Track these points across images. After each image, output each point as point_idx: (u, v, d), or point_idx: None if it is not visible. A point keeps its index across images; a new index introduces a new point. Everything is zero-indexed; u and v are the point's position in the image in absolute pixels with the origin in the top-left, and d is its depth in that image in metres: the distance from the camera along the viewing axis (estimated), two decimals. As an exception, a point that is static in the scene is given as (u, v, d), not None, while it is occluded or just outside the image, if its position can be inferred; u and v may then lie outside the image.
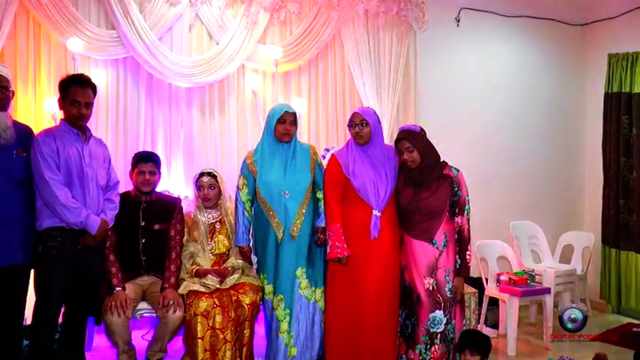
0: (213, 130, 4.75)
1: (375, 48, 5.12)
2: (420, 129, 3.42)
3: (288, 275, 3.48)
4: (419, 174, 3.34)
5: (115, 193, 3.43)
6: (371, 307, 3.34)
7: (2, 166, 3.03)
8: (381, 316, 3.38)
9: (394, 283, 3.42)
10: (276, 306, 3.49)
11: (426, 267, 3.31)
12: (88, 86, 3.25)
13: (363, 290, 3.36)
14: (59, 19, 4.19)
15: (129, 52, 4.44)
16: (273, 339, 3.49)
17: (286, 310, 3.48)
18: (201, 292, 3.41)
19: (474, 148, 5.50)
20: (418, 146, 3.33)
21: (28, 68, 4.26)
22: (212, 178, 3.73)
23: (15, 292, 3.08)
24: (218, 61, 4.61)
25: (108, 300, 3.28)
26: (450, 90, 5.52)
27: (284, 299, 3.48)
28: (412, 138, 3.34)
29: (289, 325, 3.47)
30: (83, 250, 3.17)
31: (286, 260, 3.48)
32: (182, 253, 3.61)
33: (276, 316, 3.49)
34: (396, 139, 3.41)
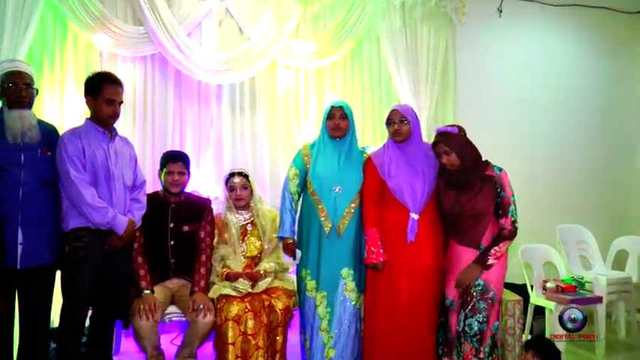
0: (244, 128, 4.74)
1: (412, 42, 5.06)
2: (457, 130, 3.34)
3: (332, 273, 3.44)
4: (459, 176, 3.26)
5: (142, 193, 3.43)
6: (406, 315, 3.31)
7: (28, 166, 3.04)
8: (418, 324, 3.33)
9: (433, 289, 3.36)
10: (319, 303, 3.46)
11: None
12: (120, 85, 3.27)
13: (398, 296, 3.32)
14: (86, 16, 4.23)
15: (157, 49, 4.47)
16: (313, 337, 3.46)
17: (328, 309, 3.44)
18: (233, 296, 3.40)
19: (517, 146, 5.37)
20: (455, 148, 3.25)
21: (54, 66, 4.30)
22: (244, 178, 3.72)
23: (42, 294, 3.09)
24: (249, 57, 4.60)
25: (136, 303, 3.28)
26: (491, 86, 5.41)
27: (326, 297, 3.44)
28: (448, 140, 3.27)
29: (329, 324, 3.43)
30: (110, 252, 3.17)
31: (330, 257, 3.44)
32: (212, 256, 3.61)
33: (317, 314, 3.45)
34: (433, 142, 3.35)
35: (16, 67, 3.11)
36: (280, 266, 3.70)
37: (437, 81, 5.10)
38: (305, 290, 3.50)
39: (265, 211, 3.79)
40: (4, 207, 2.84)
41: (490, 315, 3.20)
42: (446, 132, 3.33)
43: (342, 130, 3.51)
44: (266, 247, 3.70)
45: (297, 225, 3.61)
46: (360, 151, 3.62)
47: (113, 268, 3.21)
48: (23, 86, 3.06)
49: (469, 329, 3.20)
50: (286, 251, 3.62)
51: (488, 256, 3.18)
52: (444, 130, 3.35)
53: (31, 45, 4.13)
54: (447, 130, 3.34)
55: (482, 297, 3.19)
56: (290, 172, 3.60)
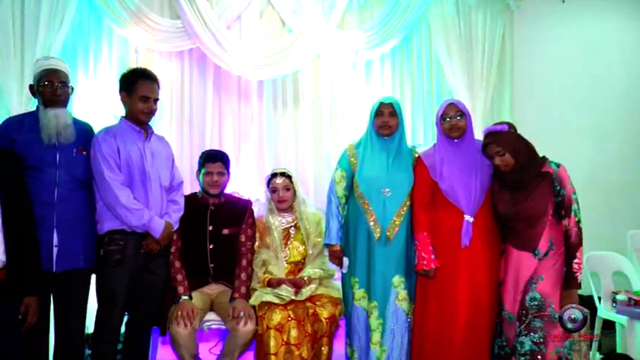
0: (287, 126, 4.75)
1: (467, 31, 4.98)
2: (507, 126, 3.26)
3: (383, 281, 3.40)
4: (514, 175, 3.19)
5: (180, 194, 3.45)
6: (460, 325, 3.26)
7: (63, 166, 3.09)
8: (473, 335, 3.26)
9: (489, 297, 3.29)
10: (370, 313, 3.43)
11: (524, 281, 3.18)
12: (156, 81, 3.30)
13: (451, 305, 3.27)
14: (121, 10, 4.30)
15: (195, 43, 4.51)
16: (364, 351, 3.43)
17: (379, 320, 3.41)
18: (275, 303, 3.38)
19: (582, 145, 5.23)
20: (508, 147, 3.18)
21: (88, 62, 4.38)
22: (287, 179, 3.72)
23: (76, 299, 3.13)
24: (292, 50, 4.60)
25: (173, 309, 3.29)
26: (552, 78, 5.28)
27: (377, 307, 3.41)
28: (500, 140, 3.20)
29: (382, 336, 3.39)
30: (147, 255, 3.20)
31: (380, 264, 3.40)
32: (254, 261, 3.60)
33: (369, 325, 3.42)
34: (483, 144, 3.28)
35: (52, 65, 3.16)
36: (325, 272, 3.68)
37: (493, 73, 5.01)
38: (353, 299, 3.47)
39: (309, 214, 3.77)
40: (38, 208, 2.87)
41: (549, 334, 3.10)
42: (495, 131, 3.26)
43: (391, 128, 3.47)
44: (310, 252, 3.69)
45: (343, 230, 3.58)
46: (409, 150, 3.57)
47: (149, 273, 3.24)
48: (59, 84, 3.11)
49: (520, 346, 3.13)
50: (333, 259, 3.59)
51: (575, 274, 3.11)
52: (493, 130, 3.28)
53: (65, 41, 4.22)
54: (495, 129, 3.28)
55: (539, 314, 3.11)
56: (336, 174, 3.57)
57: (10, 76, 4.10)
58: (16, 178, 2.71)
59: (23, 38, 4.15)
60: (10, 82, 4.10)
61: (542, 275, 3.14)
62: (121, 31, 4.38)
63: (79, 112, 4.19)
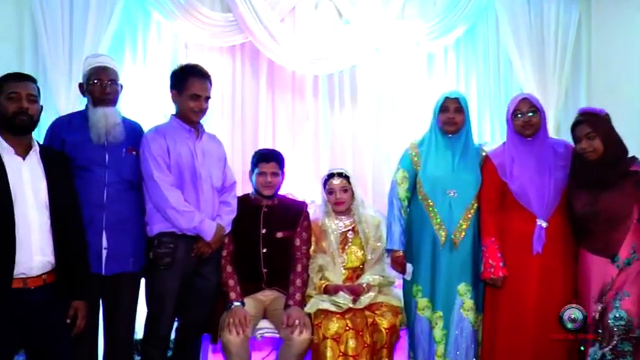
0: (344, 123, 4.76)
1: (538, 20, 4.88)
2: (604, 113, 3.18)
3: (448, 289, 3.37)
4: (597, 170, 3.12)
5: (232, 196, 3.48)
6: (533, 340, 3.21)
7: (111, 167, 3.15)
8: (547, 351, 3.21)
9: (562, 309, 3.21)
10: (435, 324, 3.40)
11: (599, 289, 3.11)
12: (207, 78, 3.33)
13: (523, 317, 3.23)
14: (170, 4, 4.37)
15: (247, 37, 4.55)
16: None
17: (444, 331, 3.38)
18: (332, 311, 3.37)
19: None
20: (601, 132, 3.11)
21: (137, 59, 4.47)
22: (344, 180, 3.70)
23: (125, 303, 3.20)
24: (349, 43, 4.60)
25: (225, 316, 3.32)
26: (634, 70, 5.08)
27: (442, 317, 3.38)
28: (595, 122, 3.13)
29: (445, 348, 3.37)
30: (197, 259, 3.24)
31: (445, 271, 3.38)
32: (309, 266, 3.61)
33: (433, 337, 3.39)
34: (574, 122, 3.21)
35: (101, 63, 3.24)
36: (385, 279, 3.65)
37: (567, 66, 4.89)
38: (416, 309, 3.45)
39: (368, 217, 3.75)
40: (87, 209, 2.94)
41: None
42: (592, 112, 3.21)
43: (457, 124, 3.43)
44: (369, 258, 3.67)
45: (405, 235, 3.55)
46: (476, 148, 3.53)
47: (200, 277, 3.28)
48: (108, 82, 3.18)
49: None
50: (395, 266, 3.55)
51: None
52: (589, 110, 3.22)
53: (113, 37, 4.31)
54: (593, 110, 3.23)
55: (627, 336, 3.02)
56: (397, 175, 3.54)
57: (58, 74, 4.22)
58: (65, 179, 2.77)
59: (72, 34, 4.26)
60: (58, 81, 4.21)
61: (628, 291, 3.05)
62: (170, 25, 4.45)
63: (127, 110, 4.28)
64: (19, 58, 4.27)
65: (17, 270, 2.48)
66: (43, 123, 3.10)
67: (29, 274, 2.51)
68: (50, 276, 2.59)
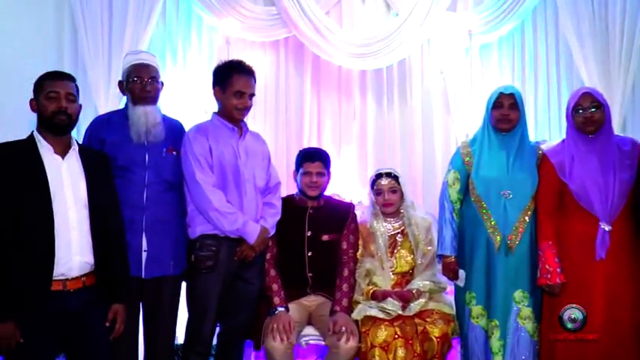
0: (393, 120, 4.76)
1: (601, 8, 4.79)
2: None
3: (504, 296, 3.33)
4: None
5: (276, 197, 3.49)
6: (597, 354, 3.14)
7: (151, 167, 3.20)
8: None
9: (633, 318, 3.16)
10: (490, 333, 3.36)
11: None
12: (252, 75, 3.35)
13: (586, 329, 3.16)
14: (211, -3, 4.44)
15: (291, 31, 4.57)
16: None
17: (501, 341, 3.33)
18: (380, 318, 3.36)
19: None
20: None
21: (177, 55, 4.53)
22: (393, 180, 3.67)
23: (166, 307, 3.23)
24: (398, 36, 4.59)
25: (269, 322, 3.34)
26: None
27: (499, 326, 3.34)
28: None
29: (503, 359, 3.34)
30: (240, 263, 3.26)
31: (501, 277, 3.33)
32: (356, 271, 3.60)
33: (490, 347, 3.36)
34: None
35: (142, 60, 3.29)
36: (436, 285, 3.61)
37: (634, 57, 4.77)
38: (469, 317, 3.42)
39: (418, 219, 3.72)
40: (127, 210, 2.98)
41: None
42: None
43: (512, 122, 3.39)
44: (419, 262, 3.64)
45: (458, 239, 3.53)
46: (532, 146, 3.49)
47: (243, 282, 3.30)
48: (148, 80, 3.22)
49: None
50: (446, 272, 3.53)
51: None
52: None
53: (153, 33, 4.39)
54: None
55: None
56: (448, 176, 3.52)
57: (98, 72, 4.32)
58: (105, 179, 2.82)
59: (111, 32, 4.35)
60: (98, 79, 4.30)
61: None
62: (211, 20, 4.51)
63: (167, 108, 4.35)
64: (59, 57, 4.39)
65: (57, 271, 2.53)
66: (83, 122, 3.18)
67: (68, 275, 2.56)
68: (89, 278, 2.63)
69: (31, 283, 2.51)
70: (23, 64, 4.09)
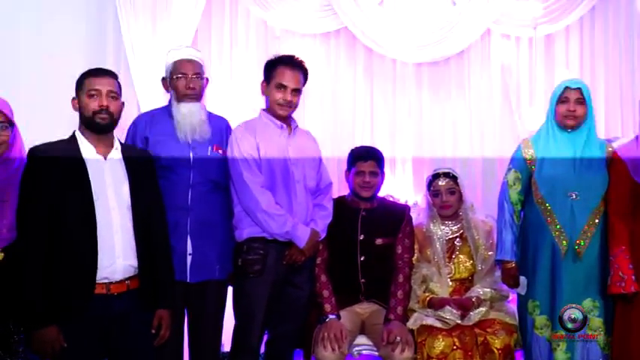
0: (450, 117, 4.71)
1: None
2: None
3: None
4: None
5: (327, 198, 3.50)
6: None
7: (197, 166, 3.23)
8: None
9: None
10: (556, 345, 3.32)
11: None
12: (299, 69, 3.36)
13: None
14: (260, -11, 4.47)
15: (342, 23, 4.57)
16: None
17: (567, 354, 3.29)
18: (437, 328, 3.35)
19: None
20: None
21: (223, 49, 4.58)
22: (451, 180, 3.65)
23: (211, 313, 3.27)
24: (456, 26, 4.58)
25: (319, 330, 3.35)
26: None
27: (565, 338, 3.29)
28: None
29: None
30: (289, 267, 3.27)
31: (568, 285, 3.29)
32: (412, 277, 3.59)
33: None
34: None
35: (186, 55, 3.32)
36: (498, 293, 3.58)
37: None
38: (532, 327, 3.38)
39: (478, 222, 3.69)
40: (171, 212, 3.02)
41: None
42: None
43: (578, 118, 3.35)
44: (479, 268, 3.62)
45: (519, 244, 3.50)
46: (601, 144, 3.44)
47: (292, 287, 3.31)
48: (193, 76, 3.26)
49: None
50: (506, 279, 3.50)
51: None
52: None
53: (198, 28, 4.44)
54: None
55: None
56: (509, 175, 3.49)
57: (141, 68, 4.38)
58: (148, 179, 2.86)
59: (154, 26, 4.41)
60: (140, 74, 4.37)
61: None
62: (259, 12, 4.54)
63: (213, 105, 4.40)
64: (101, 53, 4.47)
65: (100, 275, 2.58)
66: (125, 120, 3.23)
67: (112, 278, 2.61)
68: (134, 282, 2.68)
69: (75, 287, 2.56)
70: (65, 61, 4.20)
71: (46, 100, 4.15)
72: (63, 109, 3.07)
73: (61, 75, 3.83)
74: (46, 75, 4.22)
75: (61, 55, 4.28)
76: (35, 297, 2.51)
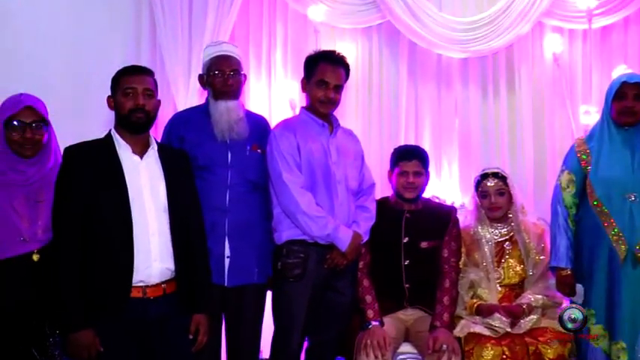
0: (499, 114, 4.69)
1: None
2: None
3: (631, 315, 3.26)
4: None
5: (370, 199, 3.50)
6: None
7: (234, 167, 3.26)
8: None
9: None
10: (615, 358, 3.30)
11: None
12: (341, 66, 3.36)
13: None
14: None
15: (385, 17, 4.57)
16: None
17: (628, 367, 3.28)
18: (486, 336, 3.33)
19: None
20: None
21: (262, 46, 4.60)
22: (500, 181, 3.65)
23: (250, 318, 3.28)
24: (505, 18, 4.52)
25: (361, 337, 3.34)
26: None
27: (626, 349, 3.27)
28: None
29: None
30: (331, 271, 3.27)
31: (627, 293, 3.27)
32: (459, 282, 3.58)
33: (613, 373, 3.31)
34: None
35: (223, 51, 3.36)
36: (550, 300, 3.57)
37: None
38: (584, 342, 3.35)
39: (529, 225, 3.69)
40: (208, 213, 3.03)
41: None
42: None
43: (636, 115, 3.34)
44: (530, 274, 3.61)
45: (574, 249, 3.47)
46: None
47: (334, 292, 3.32)
48: (230, 73, 3.29)
49: None
50: (561, 286, 3.48)
51: None
52: None
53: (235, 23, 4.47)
54: None
55: None
56: (562, 177, 3.48)
57: (177, 65, 4.42)
58: (185, 180, 2.88)
59: (191, 22, 4.45)
60: (177, 72, 4.41)
61: None
62: (297, 6, 4.55)
63: (251, 103, 4.42)
64: (136, 49, 4.52)
65: (136, 278, 2.61)
66: (161, 119, 3.26)
67: (148, 282, 2.64)
68: (170, 285, 2.70)
69: (110, 290, 2.59)
70: (100, 59, 4.27)
71: (82, 99, 4.21)
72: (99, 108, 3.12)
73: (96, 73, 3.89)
74: (82, 73, 4.28)
75: (96, 52, 4.34)
76: (71, 299, 2.55)
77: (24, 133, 2.74)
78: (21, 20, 4.30)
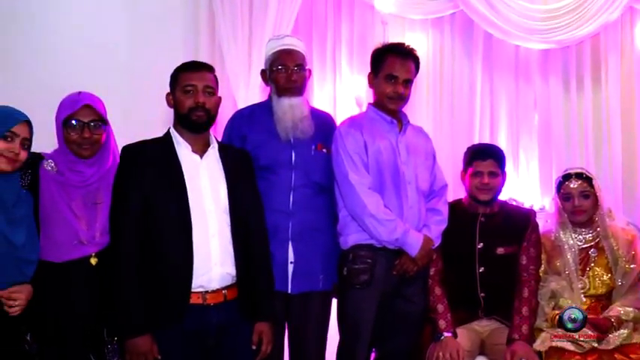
0: (583, 110, 4.64)
1: None
2: None
3: None
4: None
5: (442, 201, 3.50)
6: None
7: (299, 167, 3.31)
8: None
9: None
10: None
11: None
12: (410, 58, 3.37)
13: None
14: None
15: (457, 6, 4.57)
16: None
17: None
18: (570, 351, 3.29)
19: None
20: None
21: (327, 39, 4.64)
22: (584, 182, 3.60)
23: (314, 327, 3.32)
24: (592, 4, 4.46)
25: (433, 349, 3.34)
26: None
27: None
28: None
29: None
30: (400, 278, 3.28)
31: None
32: (539, 291, 3.55)
33: None
34: None
35: (286, 45, 3.39)
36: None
37: None
38: None
39: (618, 231, 3.63)
40: (271, 216, 3.09)
41: None
42: None
43: None
44: (619, 284, 3.56)
45: None
46: None
47: (403, 300, 3.33)
48: (294, 68, 3.33)
49: None
50: None
51: None
52: None
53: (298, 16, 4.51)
54: None
55: None
56: None
57: (237, 60, 4.47)
58: (247, 181, 2.94)
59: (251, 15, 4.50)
60: (237, 68, 4.46)
61: None
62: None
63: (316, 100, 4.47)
64: (194, 44, 4.58)
65: (195, 283, 2.66)
66: (222, 117, 3.32)
67: (208, 287, 2.69)
68: (231, 291, 2.75)
69: (169, 295, 2.65)
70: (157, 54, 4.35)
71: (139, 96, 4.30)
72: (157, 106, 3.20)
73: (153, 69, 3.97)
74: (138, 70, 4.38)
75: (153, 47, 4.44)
76: (130, 303, 2.61)
77: (82, 133, 2.77)
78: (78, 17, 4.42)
